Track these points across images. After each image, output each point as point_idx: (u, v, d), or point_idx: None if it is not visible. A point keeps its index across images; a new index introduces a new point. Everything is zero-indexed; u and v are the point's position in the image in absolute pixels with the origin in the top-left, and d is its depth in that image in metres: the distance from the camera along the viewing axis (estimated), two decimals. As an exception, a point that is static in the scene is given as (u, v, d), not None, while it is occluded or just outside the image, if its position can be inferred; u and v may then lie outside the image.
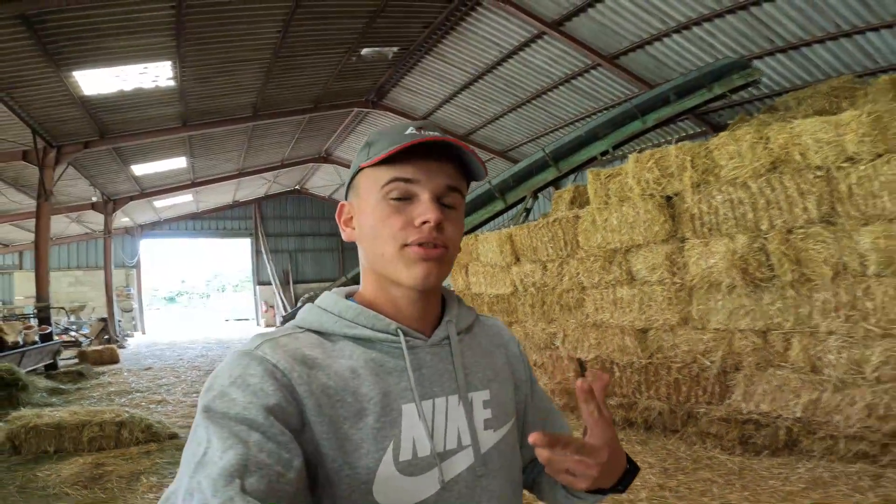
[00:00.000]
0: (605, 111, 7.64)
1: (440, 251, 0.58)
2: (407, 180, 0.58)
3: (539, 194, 7.69)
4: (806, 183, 2.88)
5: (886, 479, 2.70)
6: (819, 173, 2.85)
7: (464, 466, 0.59)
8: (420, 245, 0.57)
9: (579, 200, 5.08)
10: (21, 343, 7.08)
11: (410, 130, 0.60)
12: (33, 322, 8.18)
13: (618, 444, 0.57)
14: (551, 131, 10.17)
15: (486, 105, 10.09)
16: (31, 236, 15.40)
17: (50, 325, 8.13)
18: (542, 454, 0.50)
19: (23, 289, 17.07)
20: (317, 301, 0.64)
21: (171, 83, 7.91)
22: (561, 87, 8.96)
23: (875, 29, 6.02)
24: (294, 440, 0.49)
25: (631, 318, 3.99)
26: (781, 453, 3.16)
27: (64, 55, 6.40)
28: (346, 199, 0.67)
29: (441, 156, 0.59)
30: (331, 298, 0.63)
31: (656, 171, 3.67)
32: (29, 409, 4.45)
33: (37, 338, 7.64)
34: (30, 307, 9.60)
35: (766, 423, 3.16)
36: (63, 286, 16.71)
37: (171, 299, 32.88)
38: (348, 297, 0.65)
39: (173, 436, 4.32)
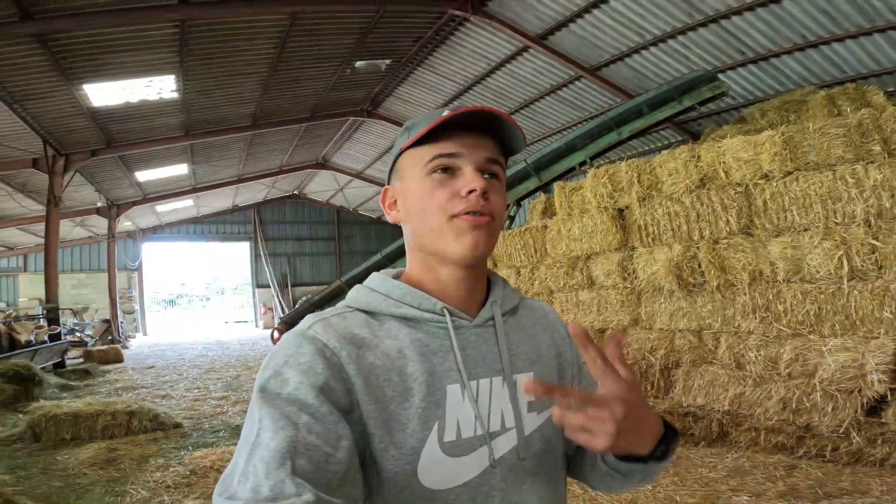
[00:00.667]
0: (583, 123, 8.14)
1: (487, 219, 0.60)
2: (450, 155, 0.60)
3: (522, 203, 8.18)
4: (728, 198, 3.37)
5: (798, 470, 3.04)
6: (739, 189, 3.33)
7: (507, 448, 0.59)
8: (468, 214, 0.59)
9: (549, 211, 5.57)
10: (33, 342, 7.63)
11: (446, 112, 0.61)
12: (43, 322, 8.74)
13: (643, 403, 0.53)
14: (540, 139, 10.67)
15: (477, 114, 10.60)
16: (36, 240, 16.08)
17: (59, 325, 8.67)
18: (554, 414, 0.49)
19: (27, 291, 17.69)
20: (365, 281, 0.66)
21: (175, 95, 8.47)
22: (547, 98, 9.47)
23: (840, 40, 6.41)
24: (343, 419, 0.51)
25: (591, 319, 4.48)
26: (715, 444, 3.60)
27: (75, 70, 6.96)
28: (388, 184, 0.69)
29: (480, 130, 0.61)
30: (378, 279, 0.65)
31: (609, 185, 4.17)
32: (46, 401, 4.98)
33: (46, 337, 8.20)
34: (39, 308, 10.16)
35: (702, 415, 3.62)
36: (67, 288, 17.28)
37: (172, 302, 33.58)
38: (395, 277, 0.66)
39: (178, 425, 4.83)
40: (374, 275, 0.66)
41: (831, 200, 2.92)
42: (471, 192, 0.59)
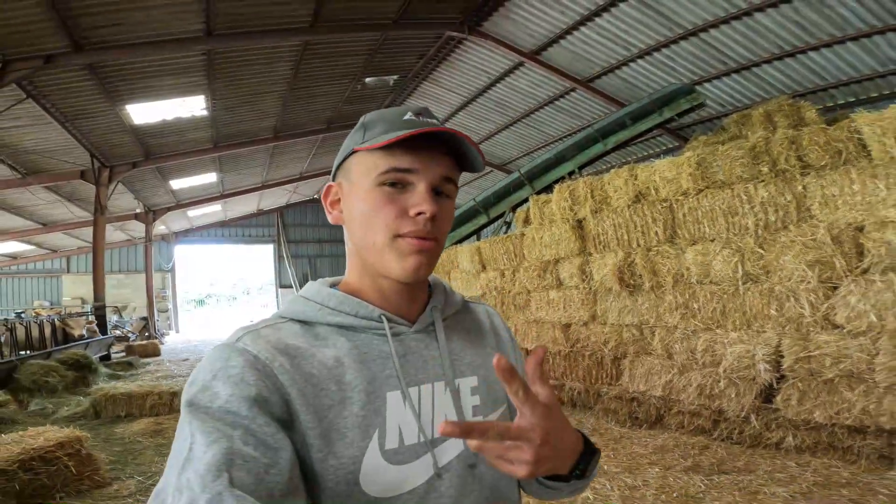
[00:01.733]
0: (578, 132, 8.83)
1: (432, 244, 0.59)
2: (405, 170, 0.58)
3: (516, 209, 8.95)
4: (657, 212, 4.08)
5: (709, 450, 3.64)
6: (665, 204, 4.04)
7: (453, 455, 0.59)
8: (414, 237, 0.58)
9: (529, 220, 6.35)
10: (84, 336, 8.92)
11: (409, 116, 0.60)
12: (91, 319, 10.09)
13: (564, 424, 0.52)
14: (542, 146, 11.39)
15: (481, 124, 11.44)
16: (79, 243, 17.85)
17: (105, 322, 9.99)
18: (471, 444, 0.48)
19: (70, 290, 19.59)
20: (301, 290, 0.65)
21: (204, 112, 9.65)
22: (546, 108, 10.20)
23: (815, 49, 6.92)
24: (280, 430, 0.50)
25: (559, 316, 5.24)
26: (655, 426, 4.28)
27: (119, 93, 8.16)
28: (333, 181, 0.68)
29: (439, 145, 0.60)
30: (314, 287, 0.64)
31: (570, 200, 4.93)
32: (104, 385, 6.12)
33: (94, 331, 9.51)
34: (88, 307, 11.57)
35: (643, 400, 4.33)
36: (107, 288, 18.87)
37: (201, 301, 35.74)
38: (332, 286, 0.65)
39: (208, 404, 5.87)
40: (309, 283, 0.66)
41: (730, 214, 3.60)
42: (419, 213, 0.58)
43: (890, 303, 2.83)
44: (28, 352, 7.18)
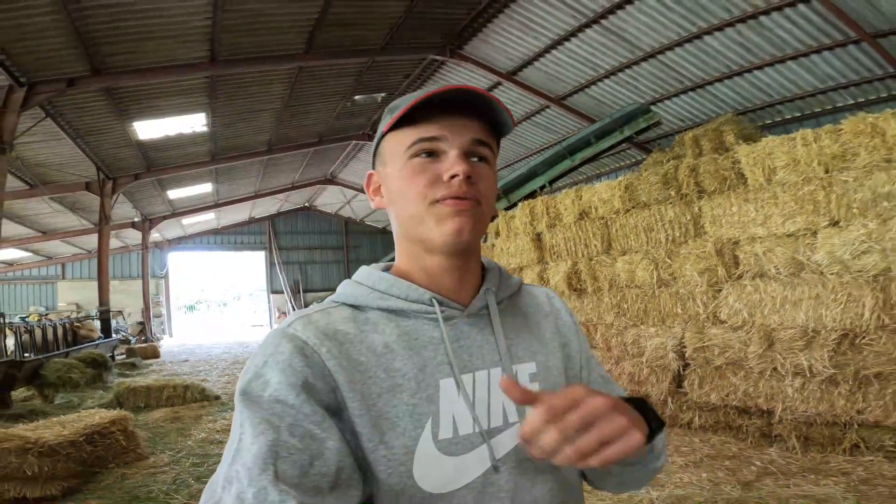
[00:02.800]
0: (546, 149, 9.82)
1: (471, 203, 0.58)
2: (431, 139, 0.59)
3: (492, 220, 9.94)
4: (595, 227, 5.05)
5: None
6: (602, 221, 5.01)
7: (511, 446, 0.58)
8: (450, 199, 0.57)
9: (500, 233, 7.30)
10: (93, 338, 9.76)
11: (430, 90, 0.60)
12: (97, 323, 10.91)
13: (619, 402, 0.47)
14: (522, 158, 12.40)
15: (465, 136, 12.42)
16: (74, 250, 18.61)
17: (110, 326, 10.82)
18: (547, 440, 0.43)
19: (65, 296, 20.31)
20: (353, 275, 0.66)
21: (204, 129, 10.55)
22: (524, 123, 11.21)
23: (759, 68, 7.87)
24: (328, 418, 0.51)
25: (523, 315, 6.20)
26: None
27: (129, 112, 9.06)
28: (372, 168, 0.69)
29: (467, 112, 0.60)
30: (365, 271, 0.65)
31: (530, 216, 5.89)
32: (124, 379, 6.97)
33: (101, 334, 10.35)
34: (93, 311, 12.37)
35: None
36: (101, 294, 19.85)
37: (191, 307, 36.36)
38: (385, 270, 0.65)
39: (217, 397, 6.75)
40: (362, 268, 0.67)
41: (648, 230, 4.56)
42: (453, 176, 0.57)
43: (757, 302, 3.79)
44: (45, 352, 8.00)
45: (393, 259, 0.68)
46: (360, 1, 7.43)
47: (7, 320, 8.10)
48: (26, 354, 7.55)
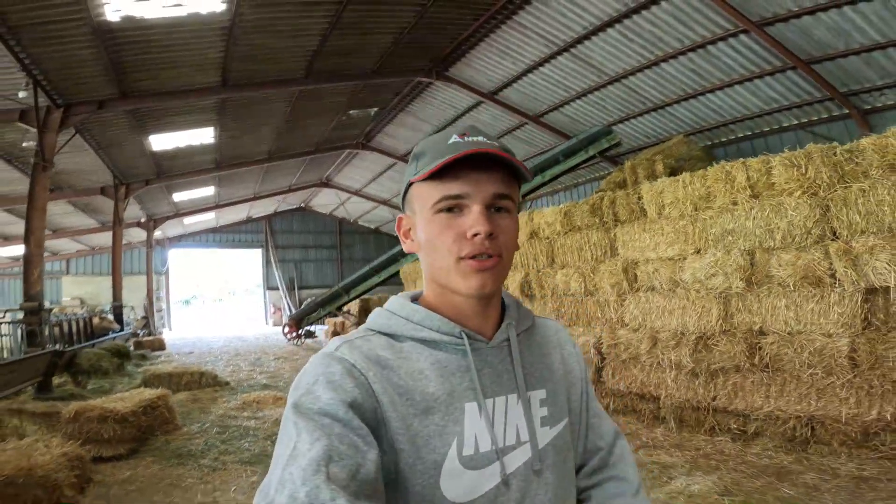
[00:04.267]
0: (526, 161, 11.14)
1: (494, 261, 0.68)
2: (455, 196, 0.67)
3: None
4: (542, 245, 6.41)
5: None
6: (547, 241, 6.37)
7: (521, 461, 0.69)
8: (473, 258, 0.67)
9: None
10: (109, 331, 11.13)
11: (454, 139, 0.69)
12: (110, 316, 12.29)
13: None
14: (505, 168, 13.74)
15: (452, 148, 13.79)
16: (78, 246, 19.98)
17: (122, 319, 12.20)
18: None
19: (69, 291, 21.68)
20: (386, 305, 0.76)
21: (212, 141, 11.91)
22: (505, 137, 12.57)
23: (711, 91, 9.19)
24: (371, 434, 0.59)
25: (489, 315, 7.58)
26: None
27: (146, 127, 10.42)
28: (403, 212, 0.77)
29: (488, 163, 0.68)
30: (398, 302, 0.74)
31: (494, 232, 7.26)
32: (150, 366, 8.35)
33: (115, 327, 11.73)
34: (107, 305, 13.73)
35: None
36: (104, 289, 21.18)
37: (187, 301, 37.79)
38: (413, 300, 0.76)
39: (227, 383, 8.12)
40: (393, 298, 0.76)
41: (579, 250, 5.91)
42: (475, 234, 0.66)
43: (648, 310, 5.15)
44: (71, 343, 9.37)
45: (411, 290, 0.80)
46: (354, 34, 8.73)
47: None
48: (58, 345, 8.91)
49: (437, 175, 0.67)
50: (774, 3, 7.22)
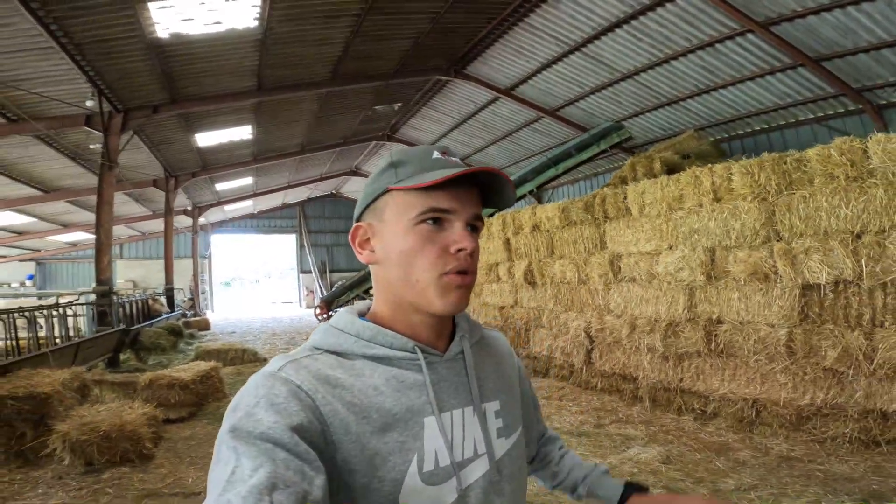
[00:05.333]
0: (543, 153, 11.76)
1: (472, 278, 0.69)
2: (445, 210, 0.68)
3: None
4: (543, 237, 7.15)
5: (563, 390, 6.51)
6: (548, 233, 7.10)
7: (480, 473, 0.70)
8: (457, 273, 0.68)
9: (481, 234, 9.45)
10: (161, 313, 12.62)
11: (436, 155, 0.70)
12: (162, 298, 13.83)
13: None
14: (525, 158, 14.39)
15: (472, 140, 14.53)
16: (130, 232, 21.89)
17: (174, 301, 13.72)
18: None
19: (122, 274, 23.84)
20: (332, 322, 0.73)
21: (249, 137, 13.08)
22: (523, 130, 13.19)
23: (724, 87, 9.54)
24: (318, 459, 0.57)
25: (497, 301, 8.40)
26: (547, 377, 7.37)
27: (192, 127, 11.65)
28: (359, 220, 0.75)
29: (468, 184, 0.69)
30: (347, 318, 0.72)
31: (502, 224, 8.03)
32: (200, 343, 9.67)
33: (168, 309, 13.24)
34: (159, 288, 15.33)
35: (540, 358, 7.43)
36: (154, 272, 23.22)
37: (227, 284, 40.35)
38: (361, 315, 0.75)
39: (265, 359, 9.31)
40: (340, 314, 0.74)
41: (574, 243, 6.61)
42: (460, 250, 0.67)
43: (629, 299, 5.84)
44: (132, 323, 10.82)
45: (359, 304, 0.79)
46: (374, 40, 9.55)
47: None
48: (122, 325, 10.36)
49: (425, 187, 0.67)
50: (778, 3, 7.51)
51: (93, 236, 21.80)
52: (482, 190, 0.73)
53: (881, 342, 3.81)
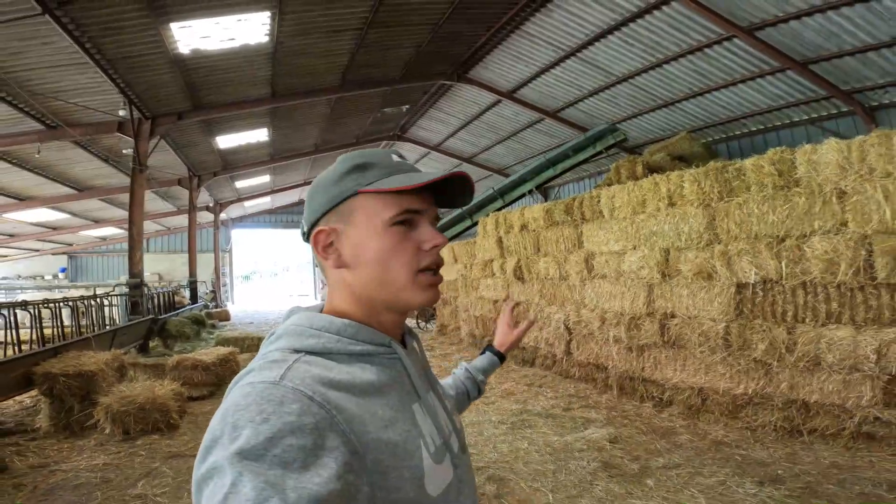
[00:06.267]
0: (546, 152, 12.40)
1: (440, 277, 0.76)
2: (417, 211, 0.72)
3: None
4: (530, 236, 7.85)
5: (546, 378, 7.31)
6: (535, 232, 7.80)
7: (456, 447, 0.77)
8: (430, 270, 0.74)
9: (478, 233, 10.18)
10: (185, 304, 13.76)
11: (396, 158, 0.75)
12: (184, 292, 15.00)
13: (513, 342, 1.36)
14: (530, 157, 15.01)
15: (479, 139, 15.24)
16: (156, 227, 23.32)
17: (197, 293, 14.87)
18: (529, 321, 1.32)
19: (148, 267, 25.26)
20: (302, 324, 0.71)
21: (266, 138, 14.07)
22: (527, 130, 13.83)
23: (717, 89, 10.08)
24: (351, 472, 0.56)
25: (491, 294, 9.15)
26: (534, 365, 8.10)
27: (213, 131, 12.68)
28: (320, 224, 0.74)
29: (430, 186, 0.74)
30: (325, 319, 0.72)
31: (495, 223, 8.76)
32: (220, 332, 10.71)
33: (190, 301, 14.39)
34: (184, 280, 16.54)
35: (527, 349, 8.16)
36: (178, 265, 24.68)
37: (247, 277, 42.00)
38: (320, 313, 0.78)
39: (278, 345, 10.28)
40: (310, 316, 0.73)
41: (556, 242, 7.29)
42: (435, 246, 0.72)
43: (600, 294, 6.51)
44: (158, 314, 11.94)
45: (315, 308, 0.78)
46: (378, 50, 10.33)
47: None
48: (150, 315, 11.49)
49: (401, 190, 0.70)
50: (760, 9, 8.00)
51: (122, 231, 23.48)
52: (446, 191, 0.78)
53: (800, 336, 4.41)
